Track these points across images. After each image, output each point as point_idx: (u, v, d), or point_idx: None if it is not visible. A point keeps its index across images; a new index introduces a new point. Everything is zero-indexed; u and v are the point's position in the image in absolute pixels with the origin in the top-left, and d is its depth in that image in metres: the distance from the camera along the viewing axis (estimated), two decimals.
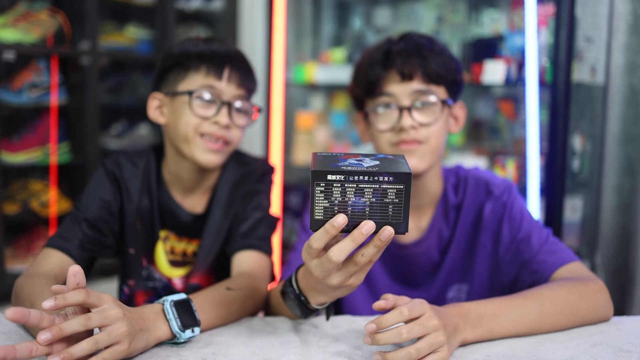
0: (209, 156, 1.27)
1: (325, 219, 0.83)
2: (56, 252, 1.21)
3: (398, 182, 0.83)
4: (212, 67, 1.28)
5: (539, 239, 1.24)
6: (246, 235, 1.29)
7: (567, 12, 2.23)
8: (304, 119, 3.15)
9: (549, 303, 1.05)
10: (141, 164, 1.35)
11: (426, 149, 1.24)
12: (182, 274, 1.37)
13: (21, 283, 1.11)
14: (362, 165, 0.85)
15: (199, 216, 1.36)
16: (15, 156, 2.68)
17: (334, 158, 0.88)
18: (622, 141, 2.62)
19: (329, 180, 0.83)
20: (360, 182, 0.83)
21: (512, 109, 2.69)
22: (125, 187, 1.32)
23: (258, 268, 1.24)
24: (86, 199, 1.29)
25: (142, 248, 1.35)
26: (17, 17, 2.64)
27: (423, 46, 1.25)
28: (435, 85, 1.25)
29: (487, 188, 1.31)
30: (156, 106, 1.32)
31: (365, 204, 0.83)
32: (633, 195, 2.57)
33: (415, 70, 1.23)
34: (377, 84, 1.25)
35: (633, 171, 2.59)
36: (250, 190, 1.34)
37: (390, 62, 1.24)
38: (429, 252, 1.33)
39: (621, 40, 2.57)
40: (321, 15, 3.39)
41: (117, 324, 0.86)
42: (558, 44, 2.25)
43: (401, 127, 1.23)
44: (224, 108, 1.27)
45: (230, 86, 1.28)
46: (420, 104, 1.24)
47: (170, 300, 0.96)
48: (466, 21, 2.82)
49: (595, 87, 2.64)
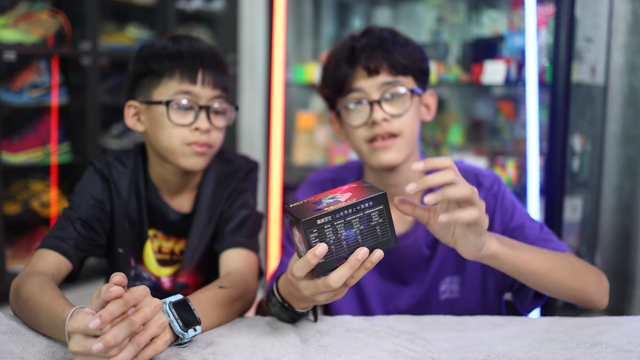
0: (194, 159, 1.27)
1: (326, 260, 0.89)
2: (51, 252, 1.20)
3: (377, 204, 0.90)
4: (186, 71, 1.25)
5: (533, 229, 1.26)
6: (234, 233, 1.29)
7: (567, 12, 2.23)
8: (304, 119, 3.16)
9: (562, 259, 1.13)
10: (129, 163, 1.35)
11: (401, 141, 1.26)
12: (170, 272, 1.37)
13: (18, 283, 1.09)
14: (338, 200, 0.91)
15: (186, 215, 1.36)
16: (16, 156, 2.68)
17: (309, 204, 0.93)
18: (622, 141, 2.63)
19: (319, 224, 0.88)
20: (347, 216, 0.89)
21: (512, 109, 2.69)
22: (114, 186, 1.32)
23: (247, 265, 1.25)
24: (78, 198, 1.29)
25: (130, 247, 1.34)
26: (18, 17, 2.64)
27: (386, 39, 1.27)
28: (402, 76, 1.27)
29: (477, 179, 1.32)
30: (133, 114, 1.30)
31: (356, 233, 0.90)
32: (633, 196, 2.57)
33: (381, 64, 1.25)
34: (345, 82, 1.27)
35: (633, 171, 2.59)
36: (235, 188, 1.35)
37: (355, 59, 1.26)
38: (418, 245, 1.33)
39: (621, 40, 2.58)
40: (321, 15, 3.40)
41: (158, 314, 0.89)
42: (558, 44, 2.25)
43: (373, 121, 1.24)
44: (202, 113, 1.26)
45: (205, 89, 1.26)
46: (390, 96, 1.26)
47: (169, 302, 0.96)
48: (466, 21, 2.82)
49: (595, 87, 2.64)
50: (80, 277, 1.26)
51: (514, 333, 1.06)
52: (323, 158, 3.11)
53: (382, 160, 1.26)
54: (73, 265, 1.22)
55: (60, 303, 0.97)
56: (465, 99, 2.89)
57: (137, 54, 1.31)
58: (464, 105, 2.88)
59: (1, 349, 0.96)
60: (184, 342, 0.97)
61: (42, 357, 0.94)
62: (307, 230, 0.88)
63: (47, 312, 0.98)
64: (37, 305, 1.01)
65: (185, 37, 1.32)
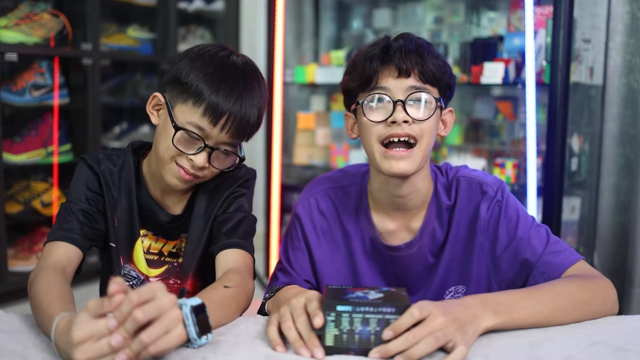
0: (176, 182, 1.25)
1: (335, 345, 0.95)
2: (60, 243, 1.21)
3: (399, 313, 0.94)
4: (212, 110, 1.20)
5: (540, 239, 1.25)
6: (230, 234, 1.28)
7: (566, 13, 2.24)
8: (305, 120, 3.17)
9: (563, 297, 1.11)
10: (119, 162, 1.34)
11: (417, 150, 1.23)
12: (158, 274, 1.37)
13: (31, 280, 1.12)
14: (367, 297, 0.96)
15: (176, 217, 1.35)
16: (18, 156, 2.69)
17: (343, 291, 0.99)
18: (620, 141, 2.64)
19: (338, 310, 0.94)
20: (366, 313, 0.94)
21: (510, 110, 2.70)
22: (104, 181, 1.32)
23: (244, 265, 1.25)
24: (75, 191, 1.29)
25: (120, 245, 1.35)
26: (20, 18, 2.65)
27: (422, 46, 1.26)
28: (430, 85, 1.25)
29: (481, 188, 1.31)
30: (154, 105, 1.29)
31: (370, 332, 0.94)
32: (631, 196, 2.58)
33: (413, 68, 1.23)
34: (373, 77, 1.24)
35: (631, 171, 2.60)
36: (231, 193, 1.33)
37: (389, 57, 1.23)
38: (422, 253, 1.32)
39: (619, 41, 2.59)
40: (321, 16, 3.40)
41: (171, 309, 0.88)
42: (556, 45, 2.26)
43: (394, 120, 1.21)
44: (204, 152, 1.22)
45: (222, 134, 1.22)
46: (415, 100, 1.23)
47: (190, 306, 0.93)
48: (465, 22, 2.83)
49: (593, 87, 2.65)
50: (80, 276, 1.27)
51: (513, 332, 1.06)
52: (323, 158, 3.12)
53: (394, 168, 1.22)
54: (84, 254, 1.24)
55: (55, 306, 0.99)
56: (464, 100, 2.90)
57: (188, 55, 1.26)
58: (462, 106, 2.89)
59: (3, 347, 0.96)
60: (192, 346, 0.96)
61: (43, 355, 0.94)
62: (325, 312, 0.95)
63: (44, 312, 1.00)
64: (38, 304, 1.03)
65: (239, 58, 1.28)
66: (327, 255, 1.36)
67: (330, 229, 1.36)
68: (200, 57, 1.25)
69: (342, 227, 1.36)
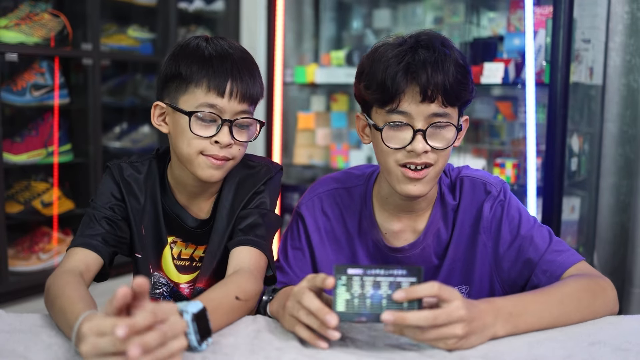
0: (211, 172, 1.24)
1: (347, 311, 0.94)
2: (80, 249, 1.22)
3: (410, 275, 0.94)
4: (213, 82, 1.22)
5: (543, 239, 1.27)
6: (247, 232, 1.27)
7: (565, 13, 2.25)
8: (305, 120, 3.17)
9: (568, 301, 1.12)
10: (143, 170, 1.34)
11: (433, 172, 1.22)
12: (189, 279, 1.36)
13: (49, 284, 1.13)
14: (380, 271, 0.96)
15: (203, 221, 1.35)
16: (18, 156, 2.69)
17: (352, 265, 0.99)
18: (620, 141, 2.64)
19: (349, 274, 0.94)
20: (378, 276, 0.94)
21: (510, 110, 2.70)
22: (129, 191, 1.32)
23: (256, 266, 1.23)
24: (100, 199, 1.30)
25: (148, 254, 1.35)
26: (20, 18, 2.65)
27: (447, 57, 1.19)
28: (451, 107, 1.20)
29: (485, 188, 1.31)
30: (159, 114, 1.29)
31: (382, 296, 0.94)
32: (630, 195, 2.58)
33: (438, 92, 1.17)
34: (395, 99, 1.17)
35: (630, 171, 2.61)
36: (255, 191, 1.33)
37: (412, 77, 1.16)
38: (426, 254, 1.32)
39: (618, 41, 2.59)
40: (321, 16, 3.41)
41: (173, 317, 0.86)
42: (556, 45, 2.26)
43: (412, 149, 1.18)
44: (225, 127, 1.23)
45: (232, 102, 1.23)
46: (435, 129, 1.19)
47: (191, 314, 0.92)
48: (465, 22, 2.83)
49: (593, 87, 2.66)
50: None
51: None
52: (323, 158, 3.12)
53: (410, 191, 1.21)
54: (104, 260, 1.24)
55: (77, 307, 0.99)
56: None
57: (170, 53, 1.28)
58: None
59: (3, 347, 0.97)
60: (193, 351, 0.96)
61: (43, 356, 0.95)
62: (336, 276, 0.94)
63: (64, 314, 1.01)
64: (58, 307, 1.04)
65: (219, 40, 1.28)
66: (330, 257, 1.36)
67: (333, 230, 1.37)
68: (182, 49, 1.27)
69: (346, 229, 1.36)
